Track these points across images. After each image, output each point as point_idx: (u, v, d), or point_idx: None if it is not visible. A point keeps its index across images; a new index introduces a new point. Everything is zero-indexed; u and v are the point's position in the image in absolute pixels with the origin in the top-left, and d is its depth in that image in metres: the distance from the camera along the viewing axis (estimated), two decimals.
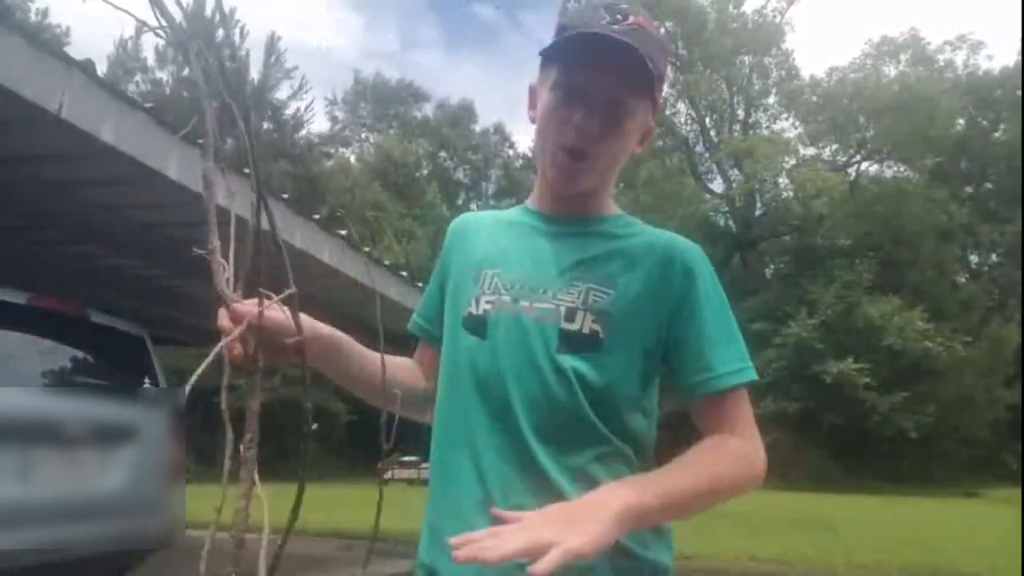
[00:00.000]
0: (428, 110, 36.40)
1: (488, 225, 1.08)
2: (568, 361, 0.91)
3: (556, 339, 0.92)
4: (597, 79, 0.92)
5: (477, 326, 0.96)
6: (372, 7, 57.48)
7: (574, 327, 0.92)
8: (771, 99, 27.27)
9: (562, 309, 0.93)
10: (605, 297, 0.93)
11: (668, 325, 0.94)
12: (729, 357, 0.93)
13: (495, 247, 1.02)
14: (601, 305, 0.93)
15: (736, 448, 0.89)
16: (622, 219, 1.03)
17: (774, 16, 26.15)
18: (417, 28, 58.63)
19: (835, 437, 20.27)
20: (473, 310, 0.97)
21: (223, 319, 0.81)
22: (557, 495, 0.86)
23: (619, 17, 0.90)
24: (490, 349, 0.94)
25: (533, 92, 1.01)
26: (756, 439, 0.92)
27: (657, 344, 0.94)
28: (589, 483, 0.85)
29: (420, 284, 7.94)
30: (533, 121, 1.00)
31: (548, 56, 0.96)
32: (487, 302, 0.96)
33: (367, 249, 5.78)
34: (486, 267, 1.00)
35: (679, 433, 1.03)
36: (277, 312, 0.82)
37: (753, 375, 0.94)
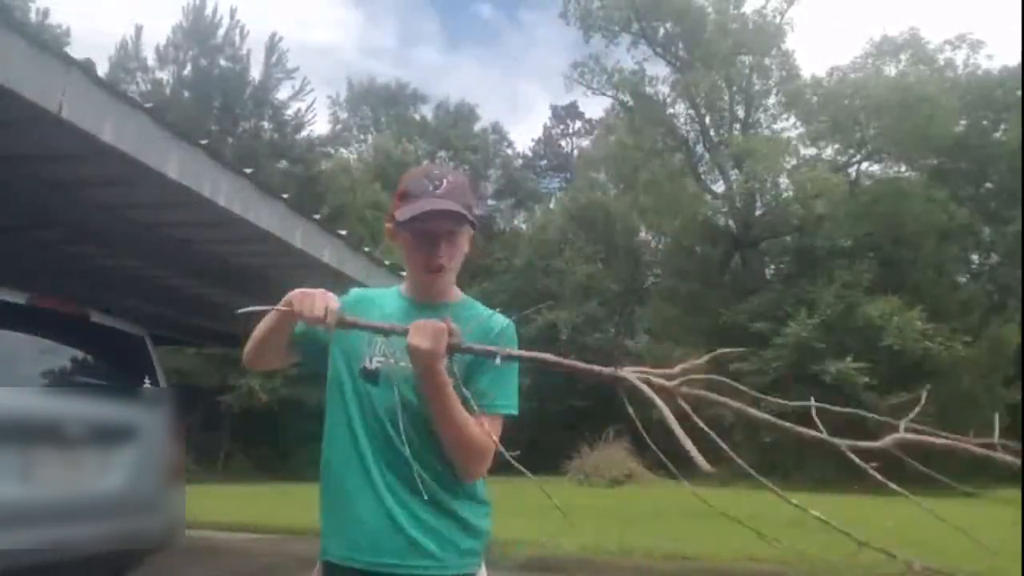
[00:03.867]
0: (427, 112, 36.39)
1: (377, 303, 1.58)
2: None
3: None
4: (437, 225, 1.47)
5: (372, 377, 1.48)
6: (371, 4, 57.44)
7: None
8: (771, 99, 27.18)
9: None
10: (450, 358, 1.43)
11: (473, 371, 1.46)
12: (508, 396, 1.50)
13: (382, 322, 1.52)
14: (447, 365, 1.40)
15: (485, 435, 1.40)
16: (466, 301, 1.59)
17: (774, 16, 26.13)
18: (417, 25, 58.60)
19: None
20: (367, 365, 1.48)
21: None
22: (419, 479, 1.37)
23: (437, 182, 1.48)
24: (380, 392, 1.45)
25: (392, 231, 1.54)
26: (492, 448, 1.42)
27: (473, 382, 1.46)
28: (434, 469, 1.42)
29: None
30: (392, 239, 1.56)
31: (402, 224, 1.48)
32: (378, 361, 1.48)
33: (367, 249, 5.78)
34: (376, 336, 1.48)
35: (674, 433, 1.15)
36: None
37: (513, 411, 1.51)
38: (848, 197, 22.89)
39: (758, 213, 25.84)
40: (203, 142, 3.86)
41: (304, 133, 26.16)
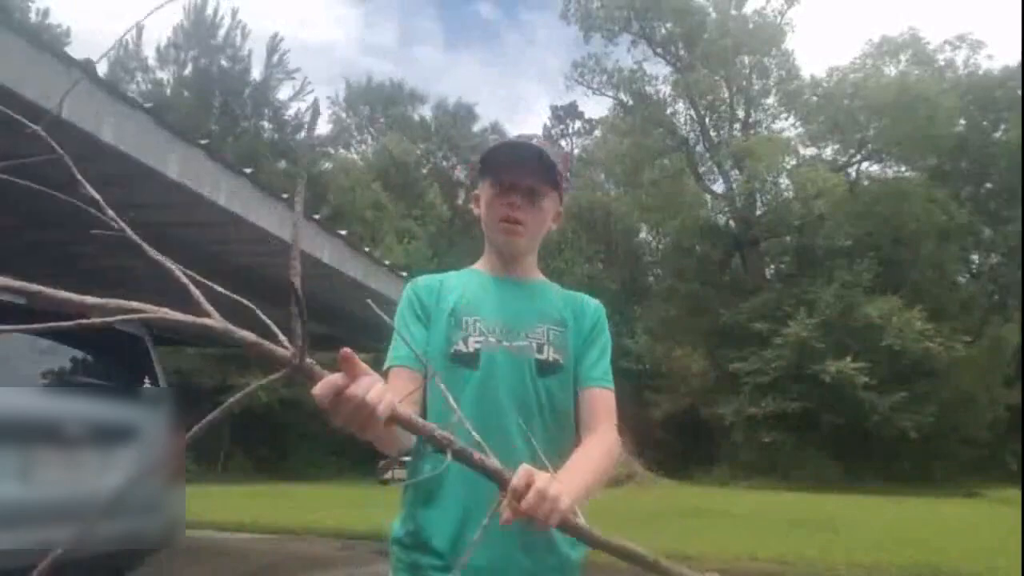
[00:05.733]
0: (427, 111, 36.38)
1: (454, 282, 1.40)
2: (542, 382, 1.31)
3: (535, 367, 1.31)
4: (518, 174, 1.34)
5: (469, 360, 1.29)
6: (372, 3, 57.45)
7: (543, 357, 1.32)
8: (771, 99, 27.22)
9: (534, 344, 1.32)
10: (561, 334, 1.36)
11: (580, 347, 1.37)
12: (608, 373, 1.38)
13: (467, 300, 1.35)
14: (559, 341, 1.34)
15: (608, 445, 1.27)
16: (548, 281, 1.47)
17: (774, 17, 26.15)
18: (416, 25, 58.62)
19: (835, 437, 20.25)
20: (462, 348, 1.30)
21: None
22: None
23: (528, 136, 1.39)
24: (483, 378, 1.28)
25: (476, 199, 1.43)
26: (614, 427, 1.32)
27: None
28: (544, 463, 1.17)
29: None
30: (479, 218, 1.41)
31: (486, 163, 1.37)
32: (476, 342, 1.30)
33: (367, 249, 5.78)
34: (465, 315, 1.32)
35: (673, 433, 1.18)
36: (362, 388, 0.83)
37: (611, 385, 1.38)
38: (848, 197, 22.90)
39: (758, 213, 25.85)
40: (203, 142, 3.86)
41: (304, 133, 26.15)
